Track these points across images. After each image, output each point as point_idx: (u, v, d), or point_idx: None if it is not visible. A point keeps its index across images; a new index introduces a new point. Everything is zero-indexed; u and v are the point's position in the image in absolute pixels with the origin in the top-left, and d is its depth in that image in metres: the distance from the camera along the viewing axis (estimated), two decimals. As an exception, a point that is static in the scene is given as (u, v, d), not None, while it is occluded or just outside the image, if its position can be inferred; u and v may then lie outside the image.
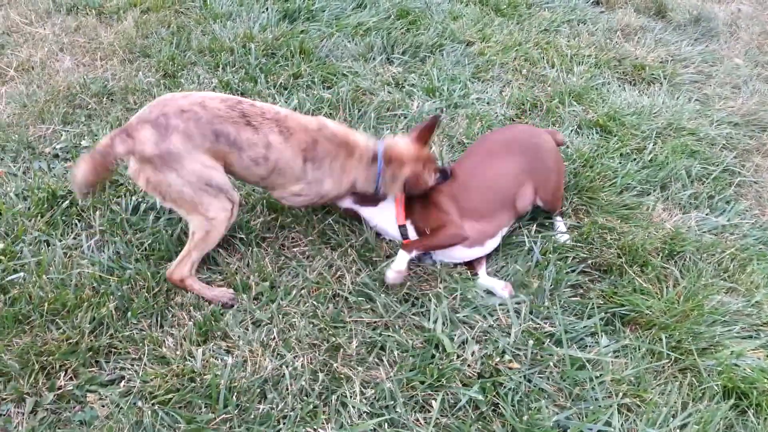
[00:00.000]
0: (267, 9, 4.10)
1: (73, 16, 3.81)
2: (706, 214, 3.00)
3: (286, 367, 2.09)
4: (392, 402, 2.03)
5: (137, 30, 3.69)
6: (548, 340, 2.30)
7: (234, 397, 1.99)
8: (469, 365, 2.17)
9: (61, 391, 1.98)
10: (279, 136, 2.22)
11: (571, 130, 3.44)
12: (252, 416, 1.95)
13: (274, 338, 2.19)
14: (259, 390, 2.02)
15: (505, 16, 4.59)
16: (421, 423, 2.00)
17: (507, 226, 2.63)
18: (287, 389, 2.03)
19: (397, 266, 2.35)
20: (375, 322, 2.30)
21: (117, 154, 2.08)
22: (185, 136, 2.06)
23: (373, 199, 2.57)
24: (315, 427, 1.95)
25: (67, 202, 2.55)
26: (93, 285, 2.27)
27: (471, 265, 2.57)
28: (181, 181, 2.09)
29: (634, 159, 3.28)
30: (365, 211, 2.60)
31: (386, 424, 1.97)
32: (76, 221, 2.52)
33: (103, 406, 1.95)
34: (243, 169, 2.26)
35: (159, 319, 2.23)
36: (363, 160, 2.43)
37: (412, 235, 2.54)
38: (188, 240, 2.25)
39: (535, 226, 2.75)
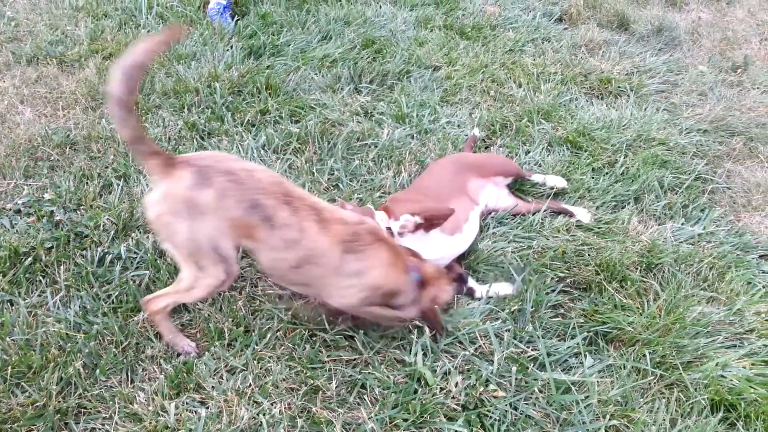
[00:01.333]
0: (231, 47, 4.09)
1: (33, 67, 3.76)
2: (682, 224, 3.00)
3: (263, 415, 2.02)
4: (375, 444, 1.96)
5: (100, 76, 3.65)
6: (532, 364, 2.25)
7: (210, 451, 1.91)
8: (453, 397, 2.11)
9: (27, 459, 1.89)
10: (316, 224, 2.03)
11: (542, 148, 3.44)
12: (229, 471, 1.88)
13: (250, 385, 2.12)
14: (235, 442, 1.95)
15: (470, 39, 4.63)
16: (405, 464, 1.93)
17: (474, 212, 2.76)
18: (265, 439, 1.96)
19: None
20: (354, 359, 2.24)
21: (147, 164, 1.92)
22: (220, 196, 1.91)
23: None
24: (296, 477, 1.87)
25: (30, 258, 2.48)
26: (59, 343, 2.19)
27: (470, 291, 2.56)
28: (190, 235, 1.93)
29: (606, 173, 3.28)
30: None
31: (370, 468, 1.91)
32: (40, 278, 2.44)
33: (73, 473, 1.86)
34: (271, 252, 2.03)
35: (129, 374, 2.15)
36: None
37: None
38: (175, 281, 2.10)
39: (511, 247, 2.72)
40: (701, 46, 4.90)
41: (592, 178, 3.22)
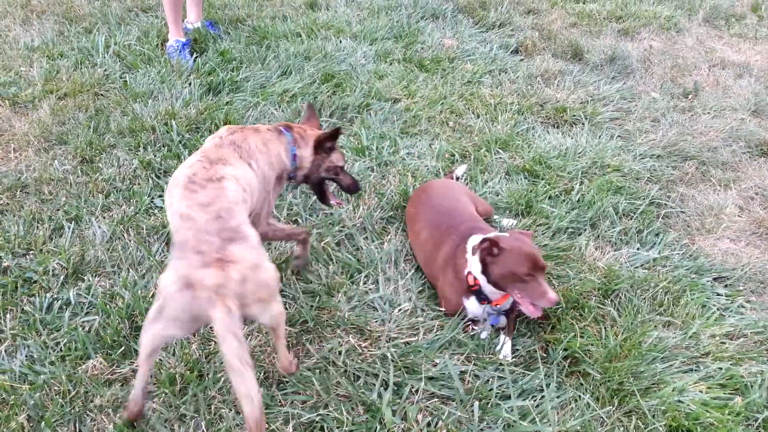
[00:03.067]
0: (190, 84, 4.08)
1: (-15, 109, 3.70)
2: (637, 249, 3.04)
3: (216, 463, 1.96)
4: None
5: (53, 117, 3.60)
6: (494, 398, 2.23)
7: (159, 505, 1.84)
8: (412, 436, 2.08)
9: None
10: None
11: (500, 177, 3.48)
12: None
13: (203, 432, 2.06)
14: (187, 493, 1.88)
15: (429, 71, 4.70)
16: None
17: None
18: (218, 488, 1.89)
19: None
20: (314, 402, 2.19)
21: None
22: None
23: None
24: None
25: (-26, 307, 2.40)
26: (2, 397, 2.11)
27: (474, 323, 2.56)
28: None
29: (563, 200, 3.33)
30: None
31: None
32: (-15, 327, 2.36)
33: None
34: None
35: (77, 425, 2.07)
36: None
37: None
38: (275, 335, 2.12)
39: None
40: (653, 73, 5.05)
41: (550, 205, 3.26)
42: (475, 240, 2.50)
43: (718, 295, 2.85)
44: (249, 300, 1.81)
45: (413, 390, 2.25)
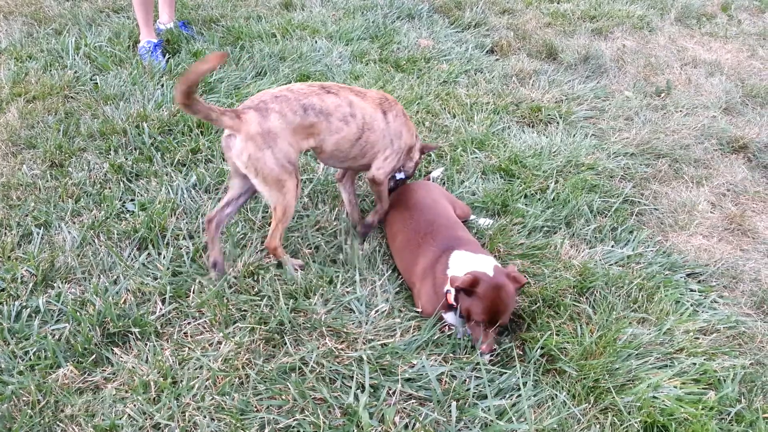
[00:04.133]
0: (162, 85, 4.02)
1: (-50, 113, 3.61)
2: (612, 247, 3.07)
3: (191, 471, 1.93)
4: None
5: (22, 120, 3.52)
6: (471, 398, 2.23)
7: None
8: (390, 438, 2.07)
9: None
10: (356, 96, 2.60)
11: (476, 177, 3.49)
12: None
13: (177, 440, 2.02)
14: (160, 503, 1.85)
15: (405, 71, 4.69)
16: None
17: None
18: (192, 497, 1.86)
19: None
20: (290, 407, 2.17)
21: (223, 123, 2.34)
22: (280, 115, 2.38)
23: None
24: None
25: (-62, 317, 2.33)
26: (-32, 408, 2.05)
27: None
28: (274, 159, 2.40)
29: (539, 199, 3.34)
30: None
31: None
32: (-50, 337, 2.30)
33: None
34: (334, 135, 2.54)
35: (46, 436, 2.03)
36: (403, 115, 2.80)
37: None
38: (273, 216, 2.56)
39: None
40: (626, 72, 5.11)
41: (525, 204, 3.27)
42: (459, 261, 2.50)
43: (691, 291, 2.88)
44: None
45: (390, 392, 2.24)
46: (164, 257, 2.72)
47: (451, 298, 2.45)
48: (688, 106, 4.58)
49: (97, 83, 4.04)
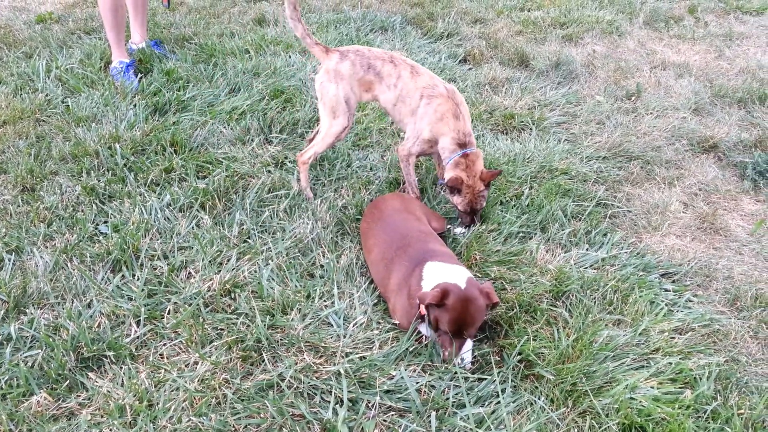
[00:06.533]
0: (135, 105, 4.01)
1: None
2: (586, 250, 3.10)
3: (168, 495, 1.90)
4: None
5: (-8, 145, 3.49)
6: (451, 407, 2.23)
7: None
8: (369, 452, 2.06)
9: None
10: (409, 74, 3.14)
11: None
12: None
13: (154, 464, 2.00)
14: None
15: (378, 83, 4.71)
16: None
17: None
18: None
19: None
20: (268, 425, 2.15)
21: (313, 51, 3.19)
22: (352, 64, 3.13)
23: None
24: None
25: None
26: (-62, 441, 2.01)
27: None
28: (335, 93, 3.12)
29: (514, 205, 3.37)
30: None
31: None
32: None
33: None
34: (382, 95, 3.20)
35: (20, 466, 1.99)
36: (456, 123, 3.15)
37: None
38: (318, 136, 3.29)
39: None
40: (597, 77, 5.18)
41: (501, 211, 3.30)
42: (432, 272, 2.50)
43: (666, 290, 2.91)
44: None
45: (369, 405, 2.23)
46: (138, 278, 2.70)
47: (423, 309, 2.45)
48: (659, 108, 4.65)
49: (68, 105, 4.02)
